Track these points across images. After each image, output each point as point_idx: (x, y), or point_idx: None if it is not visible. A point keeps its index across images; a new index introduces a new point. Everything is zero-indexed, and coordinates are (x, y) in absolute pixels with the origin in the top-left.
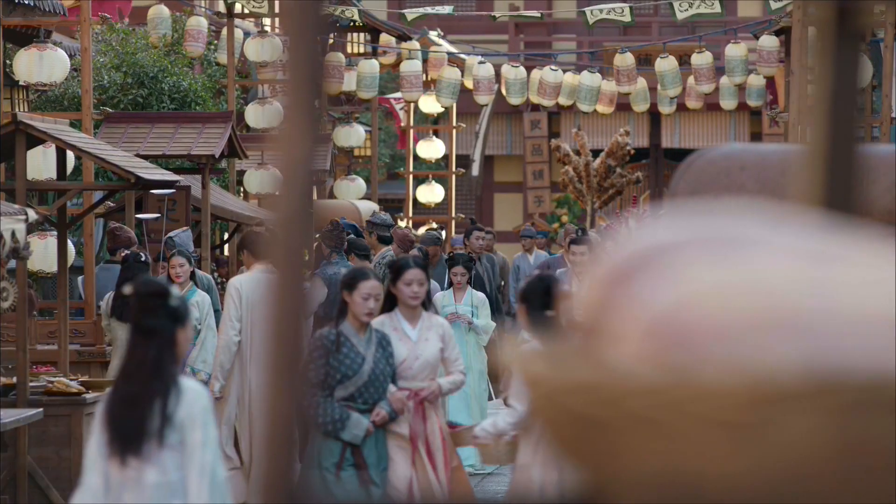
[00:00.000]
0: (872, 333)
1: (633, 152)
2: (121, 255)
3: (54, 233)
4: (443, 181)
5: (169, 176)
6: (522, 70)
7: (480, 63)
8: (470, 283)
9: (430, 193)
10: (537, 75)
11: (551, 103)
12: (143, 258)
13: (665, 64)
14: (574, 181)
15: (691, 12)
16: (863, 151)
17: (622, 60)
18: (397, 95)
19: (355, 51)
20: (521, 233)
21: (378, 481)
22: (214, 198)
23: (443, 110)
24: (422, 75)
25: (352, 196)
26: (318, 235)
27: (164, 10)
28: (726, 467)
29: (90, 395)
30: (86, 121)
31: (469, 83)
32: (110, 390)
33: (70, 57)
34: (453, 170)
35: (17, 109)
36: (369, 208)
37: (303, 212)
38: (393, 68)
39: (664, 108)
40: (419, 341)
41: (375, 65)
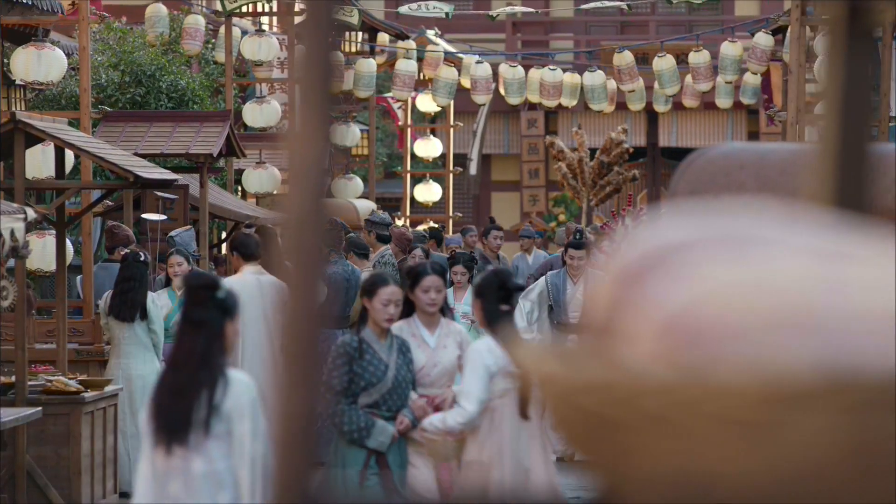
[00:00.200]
0: (886, 332)
1: (631, 150)
2: (119, 253)
3: (53, 232)
4: (440, 180)
5: (167, 175)
6: (520, 69)
7: (478, 63)
8: (470, 283)
9: (428, 192)
10: (535, 75)
11: (554, 103)
12: (142, 257)
13: (663, 63)
14: (568, 177)
15: None
16: (874, 150)
17: (622, 59)
18: None
19: (352, 49)
20: (520, 233)
21: (400, 486)
22: (212, 197)
23: (440, 109)
24: (416, 75)
25: (349, 195)
26: None
27: (162, 8)
28: (740, 466)
29: (89, 394)
30: (84, 119)
31: (466, 83)
32: (157, 381)
33: (67, 56)
34: (451, 169)
35: (14, 108)
36: (367, 207)
37: (316, 212)
38: (390, 67)
39: (660, 107)
40: (437, 348)
41: (373, 64)
